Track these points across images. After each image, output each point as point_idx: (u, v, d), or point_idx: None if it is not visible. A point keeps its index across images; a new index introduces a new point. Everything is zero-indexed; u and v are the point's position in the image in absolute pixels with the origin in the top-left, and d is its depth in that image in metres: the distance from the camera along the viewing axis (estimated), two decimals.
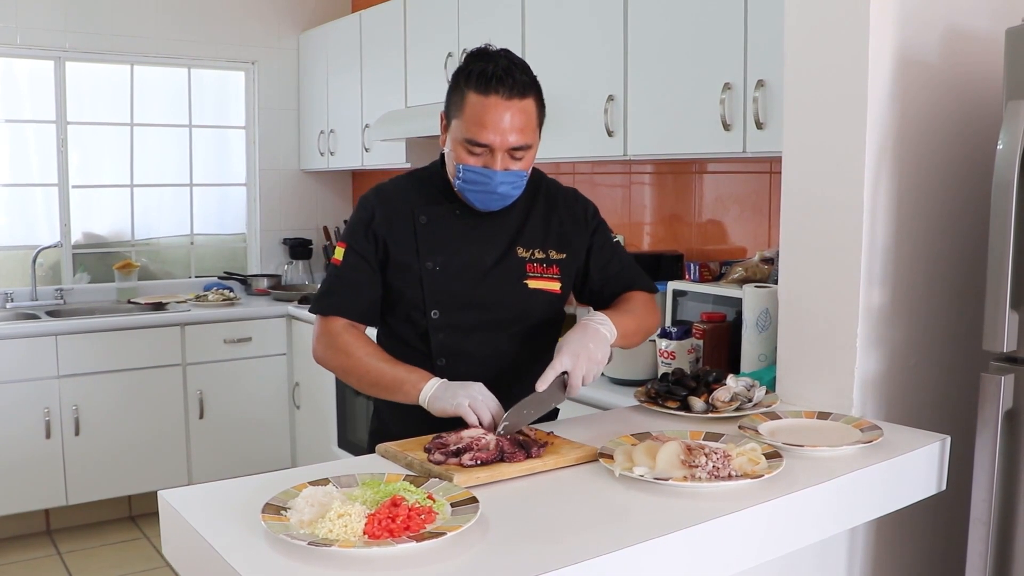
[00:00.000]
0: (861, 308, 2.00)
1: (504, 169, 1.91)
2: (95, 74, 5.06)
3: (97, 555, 4.24)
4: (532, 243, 2.06)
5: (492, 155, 1.90)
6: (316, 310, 2.06)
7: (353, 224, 2.07)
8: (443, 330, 2.02)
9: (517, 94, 1.87)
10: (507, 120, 1.87)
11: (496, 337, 2.05)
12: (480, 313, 2.02)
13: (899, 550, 2.19)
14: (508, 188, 1.94)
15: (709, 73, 2.74)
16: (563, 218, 2.12)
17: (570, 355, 1.86)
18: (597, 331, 1.93)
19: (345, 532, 1.30)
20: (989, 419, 1.85)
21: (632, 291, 2.15)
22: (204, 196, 5.47)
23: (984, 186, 1.98)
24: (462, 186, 1.95)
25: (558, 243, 2.09)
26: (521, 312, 2.05)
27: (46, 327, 4.31)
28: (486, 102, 1.86)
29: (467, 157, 1.92)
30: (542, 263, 2.06)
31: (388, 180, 2.13)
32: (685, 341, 2.63)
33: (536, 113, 1.93)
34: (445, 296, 2.00)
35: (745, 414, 1.97)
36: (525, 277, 2.04)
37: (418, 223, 2.02)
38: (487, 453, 1.63)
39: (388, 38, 4.46)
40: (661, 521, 1.40)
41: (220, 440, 4.72)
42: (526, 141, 1.91)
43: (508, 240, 2.05)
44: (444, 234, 2.02)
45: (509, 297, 2.03)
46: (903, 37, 2.00)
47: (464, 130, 1.90)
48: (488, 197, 1.95)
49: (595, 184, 3.89)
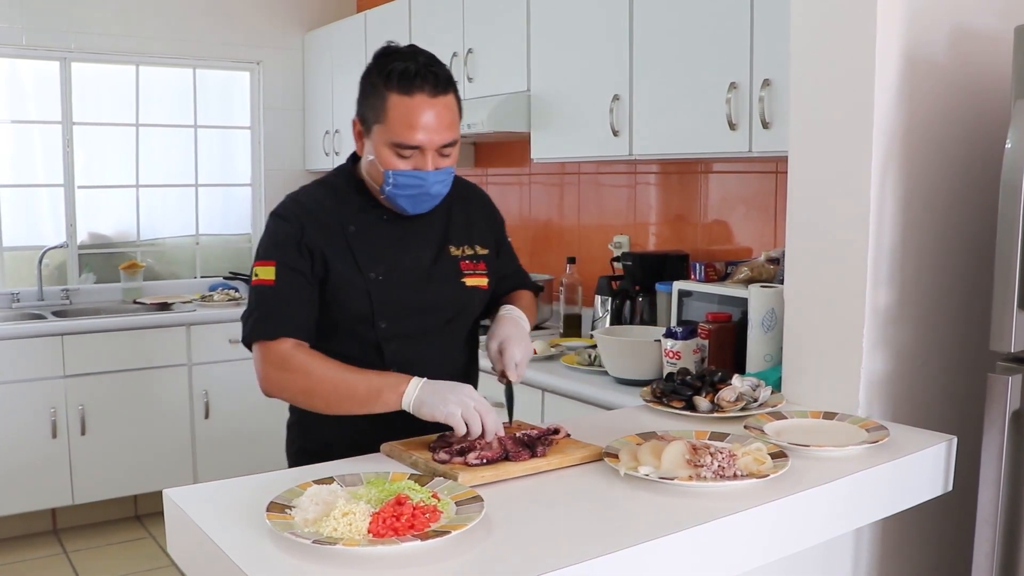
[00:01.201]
0: (867, 308, 2.00)
1: (435, 168, 1.86)
2: (100, 75, 5.07)
3: (103, 554, 4.25)
4: (461, 240, 2.04)
5: (423, 156, 1.84)
6: (258, 336, 1.87)
7: (279, 240, 1.91)
8: (393, 340, 1.94)
9: (441, 90, 1.82)
10: (435, 118, 1.82)
11: (443, 340, 2.01)
12: (426, 318, 1.97)
13: (905, 551, 2.18)
14: (441, 187, 1.90)
15: (715, 72, 2.74)
16: (478, 214, 2.11)
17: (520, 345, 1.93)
18: (518, 320, 2.00)
19: (349, 531, 1.30)
20: (996, 419, 1.84)
21: (520, 290, 2.20)
22: (209, 196, 5.48)
23: (992, 186, 1.97)
24: (393, 192, 1.87)
25: (480, 238, 2.07)
26: (462, 311, 2.03)
27: (52, 327, 4.32)
28: (411, 102, 1.80)
29: (396, 161, 1.84)
30: (472, 259, 2.03)
31: (299, 192, 2.01)
32: (690, 341, 2.63)
33: (457, 107, 1.88)
34: (392, 305, 1.92)
35: (751, 414, 1.96)
36: (462, 275, 2.01)
37: (348, 233, 1.92)
38: (492, 452, 1.63)
39: (393, 38, 4.41)
40: (666, 521, 1.40)
41: (225, 440, 4.72)
42: (454, 137, 1.87)
43: (439, 240, 2.01)
44: (378, 242, 1.93)
45: (450, 298, 2.00)
46: (910, 36, 2.00)
47: (391, 134, 1.82)
48: (422, 199, 1.90)
49: (600, 184, 3.89)
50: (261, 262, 1.91)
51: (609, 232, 3.77)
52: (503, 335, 1.95)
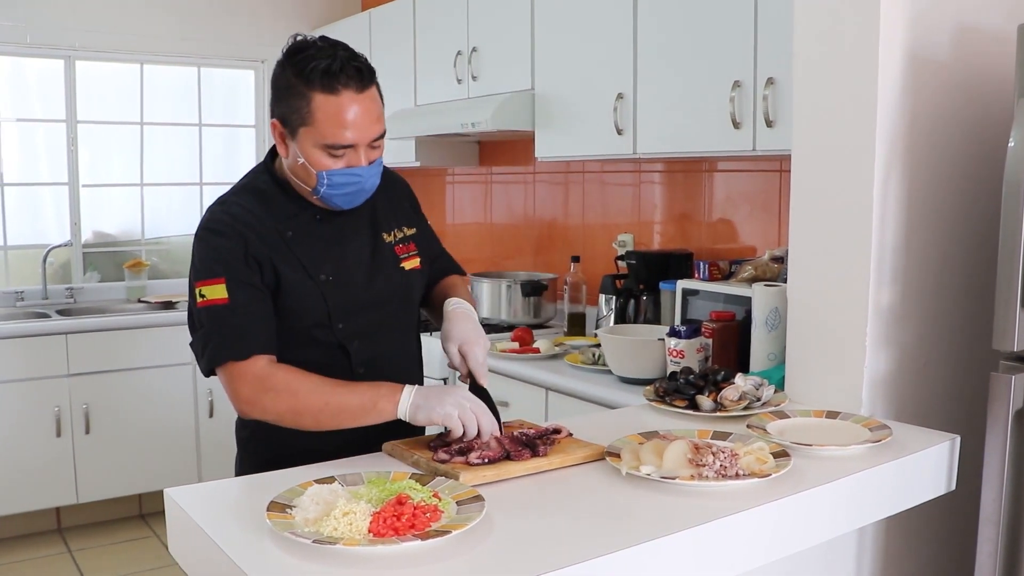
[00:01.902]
0: (870, 307, 1.99)
1: (370, 162, 1.81)
2: (105, 73, 5.08)
3: (108, 553, 4.26)
4: (390, 225, 2.00)
5: (356, 152, 1.78)
6: (226, 358, 1.78)
7: (222, 256, 1.80)
8: (354, 339, 1.90)
9: (366, 83, 1.76)
10: (364, 113, 1.75)
11: (395, 330, 1.99)
12: (377, 311, 1.94)
13: (908, 550, 2.17)
14: (375, 179, 1.86)
15: (719, 71, 2.73)
16: (399, 196, 2.08)
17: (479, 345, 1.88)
18: (468, 313, 1.96)
19: (350, 530, 1.30)
20: (999, 419, 1.84)
21: (453, 275, 2.17)
22: (214, 195, 5.39)
23: (995, 184, 1.97)
24: (328, 192, 1.81)
25: (406, 219, 2.05)
26: (405, 298, 2.01)
27: (56, 326, 4.33)
28: (339, 101, 1.73)
29: (328, 162, 1.78)
30: (403, 242, 2.00)
31: (225, 203, 1.90)
32: (694, 340, 2.62)
33: (380, 96, 1.82)
34: (345, 304, 1.88)
35: (753, 413, 1.96)
36: (399, 261, 1.98)
37: (287, 239, 1.85)
38: (493, 452, 1.63)
39: (397, 36, 4.46)
40: (668, 520, 1.40)
41: (230, 439, 4.67)
42: (383, 128, 1.81)
43: (371, 229, 1.97)
44: (318, 243, 1.88)
45: (394, 286, 1.97)
46: (913, 34, 1.99)
47: (320, 136, 1.75)
48: (358, 195, 1.85)
49: (604, 183, 3.88)
50: (206, 281, 1.79)
51: (613, 231, 3.76)
52: (461, 336, 1.89)
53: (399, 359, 1.99)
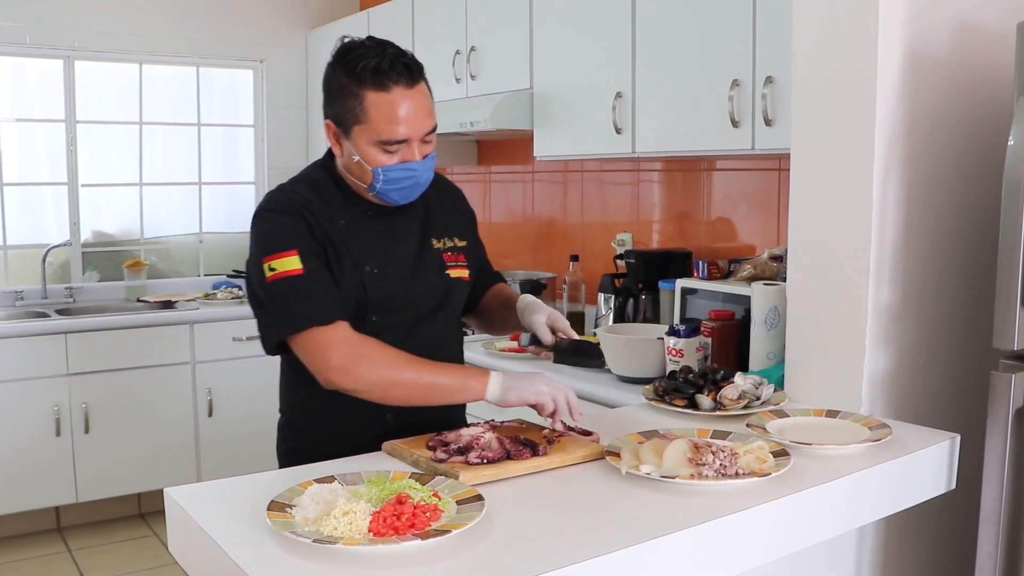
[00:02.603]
0: (870, 306, 1.99)
1: (424, 157, 1.87)
2: (104, 73, 5.08)
3: (107, 552, 4.26)
4: (441, 233, 2.04)
5: (409, 147, 1.83)
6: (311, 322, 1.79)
7: (291, 231, 1.84)
8: (384, 333, 1.89)
9: (416, 78, 1.81)
10: (416, 108, 1.81)
11: (428, 332, 2.01)
12: (414, 311, 1.97)
13: (908, 549, 2.17)
14: (429, 174, 1.91)
15: (717, 69, 2.73)
16: (454, 206, 2.12)
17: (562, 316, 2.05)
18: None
19: (350, 530, 1.29)
20: (999, 417, 1.84)
21: (499, 284, 2.26)
22: (213, 194, 5.48)
23: (995, 183, 1.97)
24: (384, 188, 1.86)
25: (459, 231, 2.08)
26: (446, 303, 2.03)
27: (56, 325, 4.32)
28: (391, 97, 1.78)
29: (383, 158, 1.83)
30: (453, 251, 2.04)
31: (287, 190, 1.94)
32: (693, 339, 2.62)
33: (430, 91, 1.88)
34: (384, 299, 1.92)
35: (753, 412, 1.96)
36: (445, 267, 2.01)
37: (339, 228, 1.90)
38: (493, 452, 1.62)
39: (396, 36, 4.42)
40: (667, 519, 1.40)
41: (229, 438, 4.72)
42: (434, 123, 1.87)
43: (421, 233, 2.01)
44: (368, 236, 1.93)
45: (436, 290, 2.00)
46: (913, 32, 1.99)
47: (374, 132, 1.80)
48: (413, 190, 1.90)
49: (603, 182, 3.88)
50: (276, 255, 1.81)
51: (612, 230, 3.76)
52: (546, 310, 2.05)
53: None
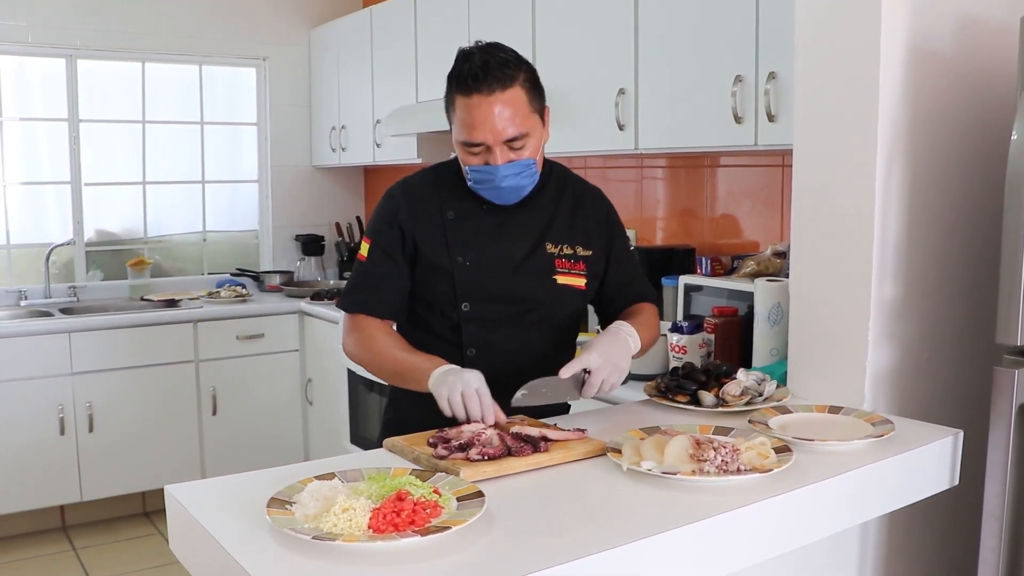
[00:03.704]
0: (873, 302, 1.99)
1: (507, 162, 1.91)
2: (107, 71, 5.08)
3: (111, 551, 4.26)
4: (560, 239, 2.07)
5: (490, 151, 1.90)
6: (343, 307, 2.08)
7: (378, 218, 2.08)
8: (473, 322, 2.03)
9: (498, 87, 1.86)
10: (493, 115, 1.87)
11: (524, 330, 2.06)
12: (510, 307, 2.04)
13: (911, 545, 2.17)
14: (515, 180, 1.94)
15: (720, 65, 2.73)
16: (588, 216, 2.13)
17: (598, 355, 1.88)
18: (626, 341, 1.96)
19: (350, 526, 1.29)
20: (1002, 413, 1.83)
21: (643, 302, 2.17)
22: (216, 193, 5.48)
23: (998, 178, 1.96)
24: (473, 186, 1.98)
25: (584, 240, 2.10)
26: (549, 306, 2.07)
27: (60, 324, 4.33)
28: (470, 102, 1.87)
29: (469, 158, 1.94)
30: (570, 259, 2.07)
31: (414, 174, 2.13)
32: (696, 335, 2.62)
33: (527, 99, 1.91)
34: (476, 290, 2.02)
35: (755, 408, 1.95)
36: (554, 272, 2.05)
37: (446, 219, 2.03)
38: (494, 449, 1.62)
39: (398, 33, 4.46)
40: (669, 516, 1.39)
41: (233, 437, 4.73)
42: (520, 131, 1.90)
43: (537, 235, 2.06)
44: (473, 229, 2.03)
45: (538, 292, 2.04)
46: (915, 27, 1.98)
47: (459, 132, 1.92)
48: (498, 192, 1.96)
49: (606, 178, 3.88)
50: (365, 237, 2.09)
51: None
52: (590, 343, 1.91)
53: (516, 355, 2.04)
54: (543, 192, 2.07)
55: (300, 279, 5.45)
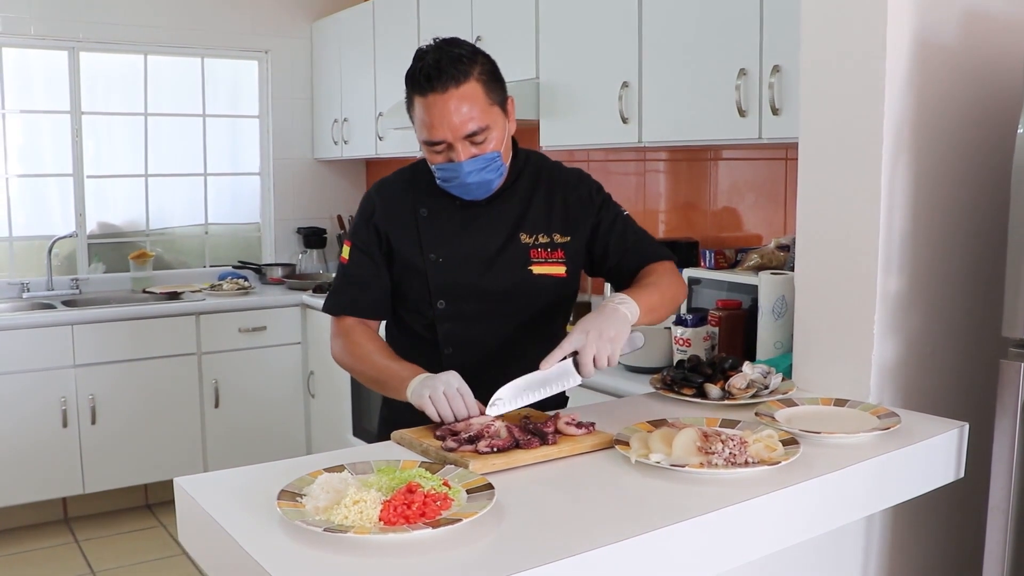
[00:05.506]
0: (878, 295, 1.99)
1: (470, 157, 1.90)
2: (109, 64, 5.07)
3: (114, 543, 4.27)
4: (535, 228, 2.05)
5: (452, 148, 1.89)
6: (327, 310, 2.11)
7: (356, 220, 2.11)
8: (449, 320, 2.03)
9: (452, 84, 1.84)
10: (450, 112, 1.85)
11: (502, 325, 2.05)
12: (486, 302, 2.03)
13: (916, 538, 2.17)
14: (480, 175, 1.92)
15: (724, 59, 2.73)
16: (568, 200, 2.09)
17: (580, 333, 1.78)
18: (615, 310, 1.83)
19: (360, 518, 1.30)
20: (1008, 406, 1.83)
21: (652, 263, 2.09)
22: (218, 186, 5.48)
23: (1004, 171, 1.96)
24: (442, 184, 1.97)
25: (562, 226, 2.07)
26: (526, 298, 2.05)
27: (62, 317, 4.33)
28: (426, 101, 1.87)
29: (433, 156, 1.94)
30: (546, 247, 2.05)
31: (392, 173, 2.15)
32: (701, 328, 2.62)
33: (484, 92, 1.89)
34: (450, 287, 2.02)
35: (761, 401, 1.96)
36: (529, 263, 2.03)
37: (419, 216, 2.04)
38: (502, 441, 1.62)
39: (401, 25, 4.45)
40: (677, 508, 1.40)
41: (235, 429, 4.73)
42: (480, 124, 1.88)
43: (510, 227, 2.04)
44: (446, 226, 2.03)
45: (514, 284, 2.03)
46: (921, 20, 1.98)
47: (420, 132, 1.92)
48: (466, 188, 1.95)
49: (609, 172, 3.88)
50: (346, 240, 2.12)
51: None
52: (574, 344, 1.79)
53: (495, 351, 2.04)
54: (517, 183, 2.06)
55: (302, 272, 5.45)
